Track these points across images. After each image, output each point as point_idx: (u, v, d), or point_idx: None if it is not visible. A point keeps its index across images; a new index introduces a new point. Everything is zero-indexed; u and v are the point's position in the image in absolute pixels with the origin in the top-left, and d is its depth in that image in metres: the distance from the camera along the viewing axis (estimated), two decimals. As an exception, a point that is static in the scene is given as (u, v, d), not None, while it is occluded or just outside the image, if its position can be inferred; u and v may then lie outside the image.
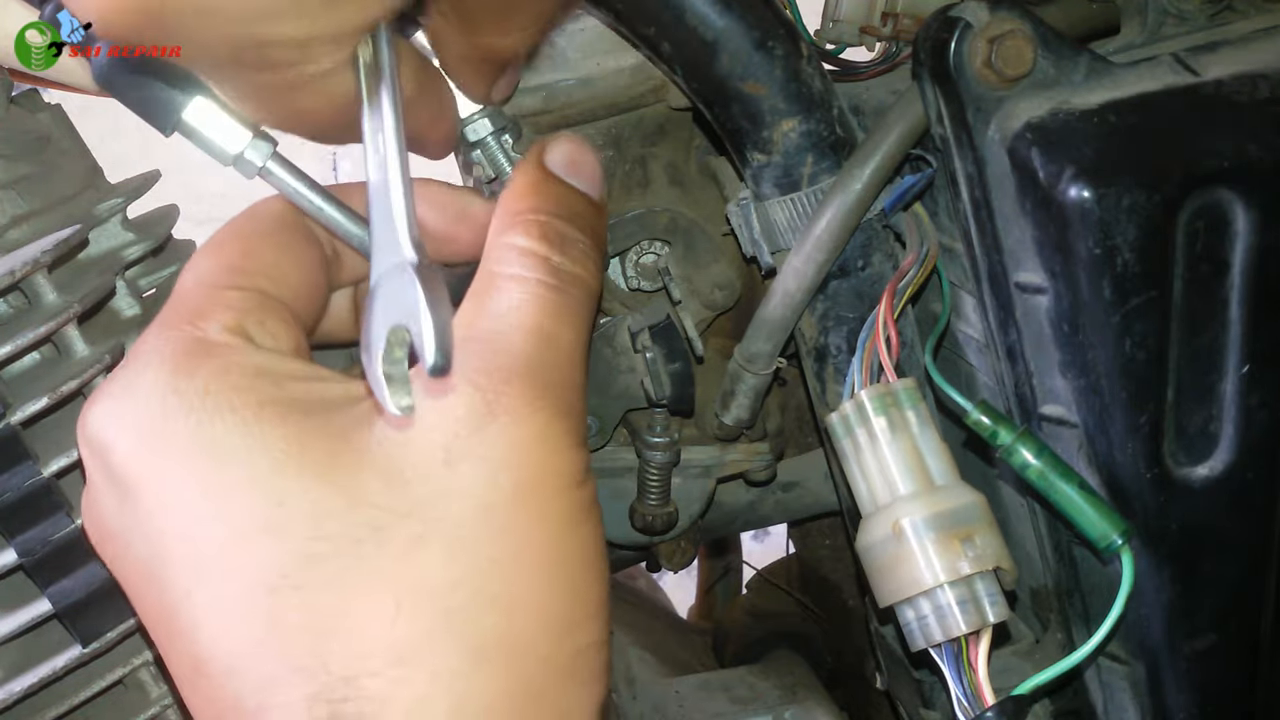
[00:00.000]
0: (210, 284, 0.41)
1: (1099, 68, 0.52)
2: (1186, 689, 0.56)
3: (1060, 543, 0.58)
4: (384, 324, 0.37)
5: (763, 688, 0.88)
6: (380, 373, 0.36)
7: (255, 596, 0.36)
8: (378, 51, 0.40)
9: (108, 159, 0.64)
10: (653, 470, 0.71)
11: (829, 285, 0.59)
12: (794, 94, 0.57)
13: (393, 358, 0.36)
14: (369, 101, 0.41)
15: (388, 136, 0.41)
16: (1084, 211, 0.49)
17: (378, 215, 0.40)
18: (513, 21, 0.48)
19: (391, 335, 0.37)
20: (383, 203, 0.40)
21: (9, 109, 0.58)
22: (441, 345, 0.35)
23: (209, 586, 0.36)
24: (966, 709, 0.50)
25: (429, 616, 0.36)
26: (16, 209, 0.54)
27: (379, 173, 0.41)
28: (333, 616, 0.35)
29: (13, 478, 0.48)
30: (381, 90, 0.40)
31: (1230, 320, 0.52)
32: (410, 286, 0.37)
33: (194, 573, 0.37)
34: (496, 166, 0.58)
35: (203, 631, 0.36)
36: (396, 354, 0.36)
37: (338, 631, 0.35)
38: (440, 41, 0.50)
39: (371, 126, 0.41)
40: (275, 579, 0.36)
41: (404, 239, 0.39)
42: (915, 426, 0.52)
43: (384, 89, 0.40)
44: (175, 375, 0.38)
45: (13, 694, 0.49)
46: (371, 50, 0.40)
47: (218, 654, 0.36)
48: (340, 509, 0.36)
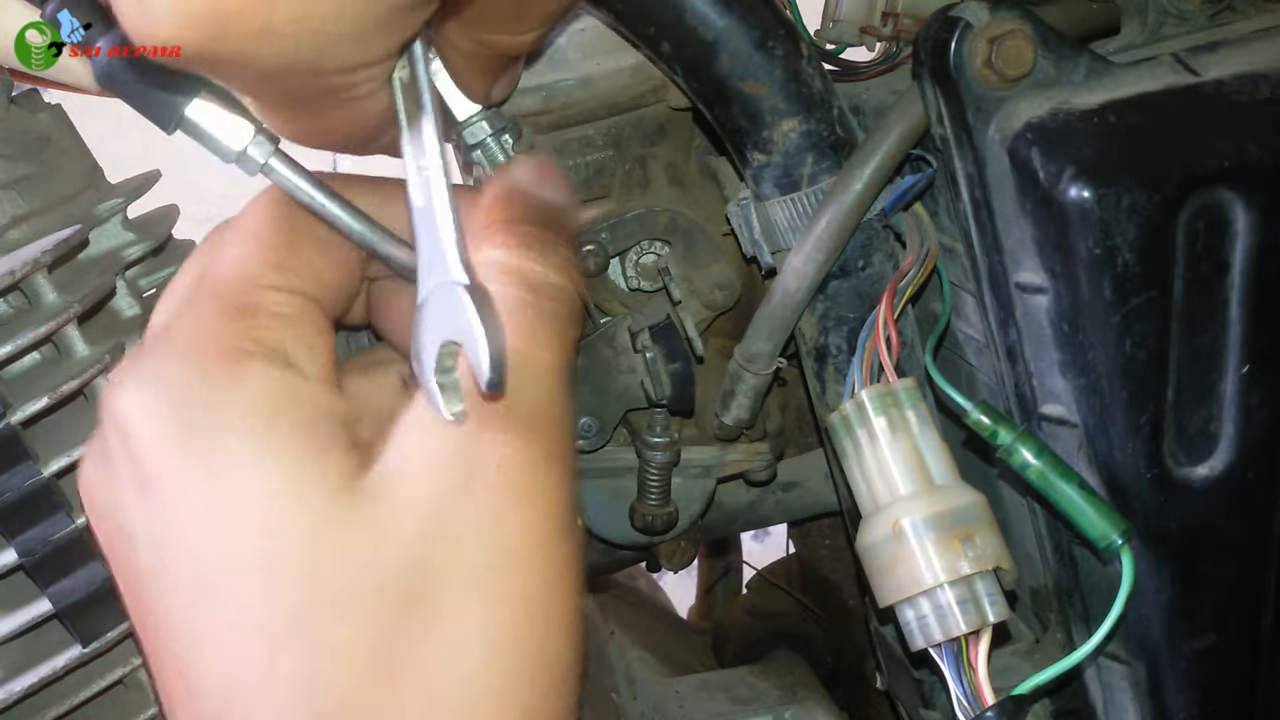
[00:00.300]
0: (254, 277, 0.41)
1: (1099, 68, 0.52)
2: (1186, 689, 0.56)
3: (1060, 543, 0.58)
4: (434, 339, 0.39)
5: (763, 688, 0.88)
6: (434, 384, 0.39)
7: (253, 638, 0.35)
8: (415, 72, 0.41)
9: (108, 159, 0.64)
10: (653, 470, 0.71)
11: (829, 285, 0.59)
12: (794, 94, 0.57)
13: (444, 368, 0.39)
14: (409, 123, 0.41)
15: (430, 158, 0.42)
16: (1084, 211, 0.49)
17: (424, 235, 0.41)
18: (523, 20, 0.48)
19: (442, 349, 0.39)
20: (429, 223, 0.41)
21: (9, 109, 0.58)
22: (495, 364, 0.38)
23: (209, 610, 0.36)
24: (966, 709, 0.50)
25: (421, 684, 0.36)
26: (16, 209, 0.54)
27: (423, 194, 0.42)
28: (320, 677, 0.35)
29: (13, 478, 0.48)
30: (422, 111, 0.41)
31: (1230, 320, 0.52)
32: (463, 306, 0.39)
33: (197, 590, 0.36)
34: (496, 166, 0.58)
35: (199, 654, 0.36)
36: (447, 364, 0.39)
37: (323, 693, 0.35)
38: (446, 40, 0.50)
39: (413, 148, 0.42)
40: (273, 625, 0.35)
41: (453, 260, 0.40)
42: (915, 426, 0.52)
43: (424, 110, 0.41)
44: (214, 386, 0.37)
45: (13, 694, 0.49)
46: (409, 70, 0.41)
47: (210, 682, 0.36)
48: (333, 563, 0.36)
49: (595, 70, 0.64)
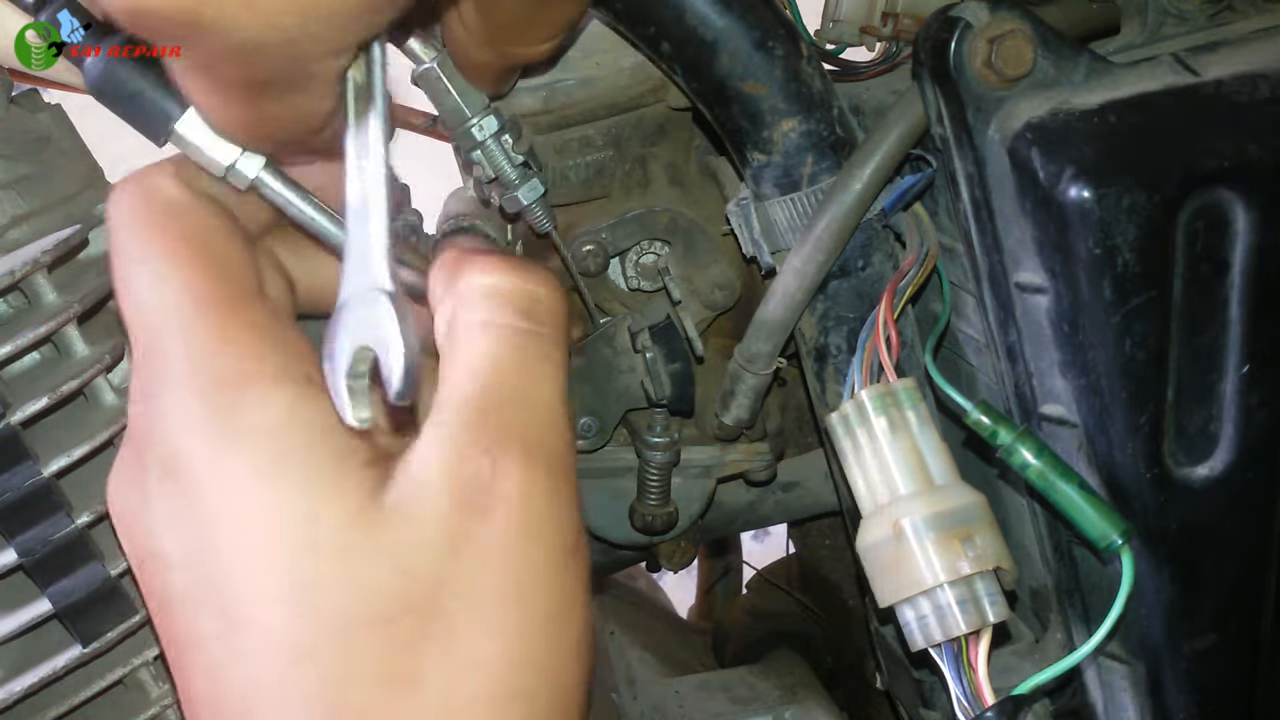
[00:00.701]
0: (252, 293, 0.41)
1: (1099, 68, 0.52)
2: (1186, 689, 0.56)
3: (1060, 543, 0.58)
4: (350, 341, 0.39)
5: (763, 688, 0.88)
6: (343, 386, 0.39)
7: (274, 656, 0.36)
8: (370, 71, 0.41)
9: (108, 159, 0.64)
10: (653, 470, 0.71)
11: (829, 285, 0.59)
12: (794, 94, 0.57)
13: (356, 373, 0.39)
14: (356, 121, 0.41)
15: (373, 159, 0.41)
16: (1084, 211, 0.49)
17: (355, 235, 0.41)
18: (537, 31, 0.48)
19: (357, 353, 0.39)
20: (361, 225, 0.41)
21: (9, 109, 0.58)
22: (408, 375, 0.38)
23: (238, 634, 0.37)
24: (966, 709, 0.50)
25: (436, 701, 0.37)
26: (16, 209, 0.54)
27: (360, 194, 0.41)
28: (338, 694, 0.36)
29: (13, 478, 0.48)
30: (370, 112, 0.41)
31: (1230, 320, 0.52)
32: (384, 314, 0.39)
33: (224, 611, 0.37)
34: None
35: (225, 676, 0.37)
36: (360, 369, 0.39)
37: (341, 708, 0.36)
38: (460, 50, 0.50)
39: (357, 147, 0.41)
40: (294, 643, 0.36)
41: (380, 266, 0.40)
42: (915, 426, 0.52)
43: (373, 111, 0.41)
44: (239, 407, 0.38)
45: (13, 694, 0.49)
46: (364, 69, 0.41)
47: (232, 695, 0.37)
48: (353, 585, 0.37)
49: (595, 70, 0.64)
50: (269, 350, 0.39)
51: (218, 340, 0.39)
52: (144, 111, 0.40)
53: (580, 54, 0.64)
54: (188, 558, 0.38)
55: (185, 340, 0.39)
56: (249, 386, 0.38)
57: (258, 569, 0.37)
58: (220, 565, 0.37)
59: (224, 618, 0.37)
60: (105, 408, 0.52)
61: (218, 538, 0.37)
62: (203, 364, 0.39)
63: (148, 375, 0.39)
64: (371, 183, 0.41)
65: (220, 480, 0.37)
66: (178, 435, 0.38)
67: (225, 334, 0.39)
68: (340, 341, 0.39)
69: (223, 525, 0.37)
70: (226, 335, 0.39)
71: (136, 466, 0.40)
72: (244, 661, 0.37)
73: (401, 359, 0.38)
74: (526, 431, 0.40)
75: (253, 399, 0.38)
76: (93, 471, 0.51)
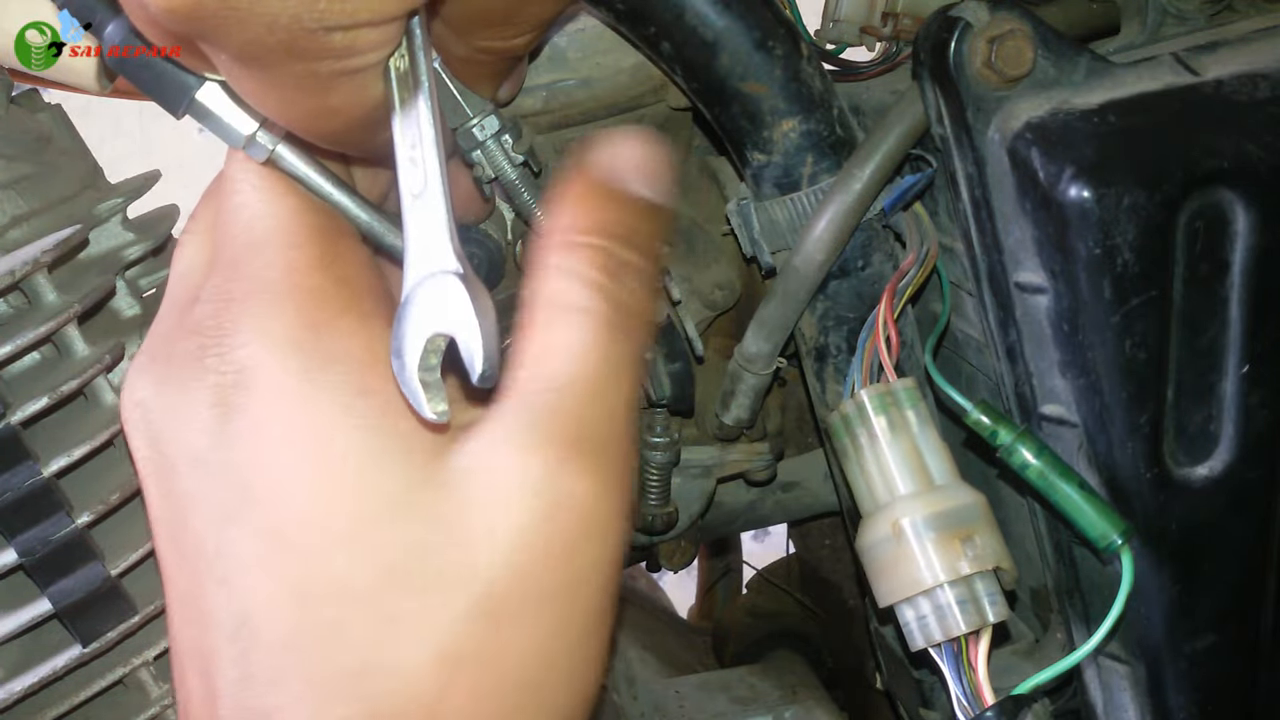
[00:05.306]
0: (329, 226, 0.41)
1: (1099, 68, 0.52)
2: (1186, 689, 0.56)
3: (1060, 543, 0.58)
4: (419, 332, 0.38)
5: (763, 688, 0.88)
6: (416, 380, 0.37)
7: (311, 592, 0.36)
8: (412, 57, 0.41)
9: (108, 159, 0.64)
10: (653, 470, 0.71)
11: (829, 285, 0.59)
12: (794, 94, 0.57)
13: (428, 365, 0.37)
14: (402, 108, 0.40)
15: (425, 144, 0.40)
16: (1084, 211, 0.49)
17: (414, 224, 0.40)
18: (512, 26, 0.48)
19: (428, 343, 0.38)
20: (420, 211, 0.40)
21: (9, 109, 0.58)
22: (489, 356, 0.36)
23: (281, 552, 0.36)
24: (966, 709, 0.50)
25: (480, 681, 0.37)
26: (16, 209, 0.54)
27: (416, 181, 0.41)
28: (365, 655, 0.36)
29: (13, 478, 0.48)
30: (418, 96, 0.40)
31: (1230, 320, 0.52)
32: (456, 296, 0.38)
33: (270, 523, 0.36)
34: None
35: (244, 580, 0.36)
36: (431, 361, 0.38)
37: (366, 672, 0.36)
38: (442, 45, 0.50)
39: (406, 134, 0.41)
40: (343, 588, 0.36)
41: (445, 248, 0.39)
42: (915, 426, 0.52)
43: (420, 95, 0.40)
44: (323, 337, 0.37)
45: (13, 694, 0.49)
46: (407, 56, 0.40)
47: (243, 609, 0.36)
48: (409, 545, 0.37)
49: (595, 70, 0.64)
50: (365, 286, 0.39)
51: (321, 262, 0.39)
52: (163, 83, 0.39)
53: (580, 54, 0.64)
54: (226, 468, 0.37)
55: (286, 255, 0.39)
56: (346, 312, 0.38)
57: (314, 497, 0.36)
58: (269, 483, 0.37)
59: (261, 537, 0.36)
60: (105, 408, 0.52)
61: (279, 456, 0.37)
62: (303, 279, 0.38)
63: (233, 279, 0.39)
64: (428, 168, 0.40)
65: (290, 397, 0.37)
66: (258, 341, 0.37)
67: (328, 259, 0.39)
68: (409, 338, 0.38)
69: (286, 444, 0.37)
70: (329, 260, 0.39)
71: (180, 365, 0.39)
72: (275, 580, 0.36)
73: (480, 339, 0.37)
74: (600, 437, 0.39)
75: (344, 327, 0.38)
76: (93, 471, 0.51)
